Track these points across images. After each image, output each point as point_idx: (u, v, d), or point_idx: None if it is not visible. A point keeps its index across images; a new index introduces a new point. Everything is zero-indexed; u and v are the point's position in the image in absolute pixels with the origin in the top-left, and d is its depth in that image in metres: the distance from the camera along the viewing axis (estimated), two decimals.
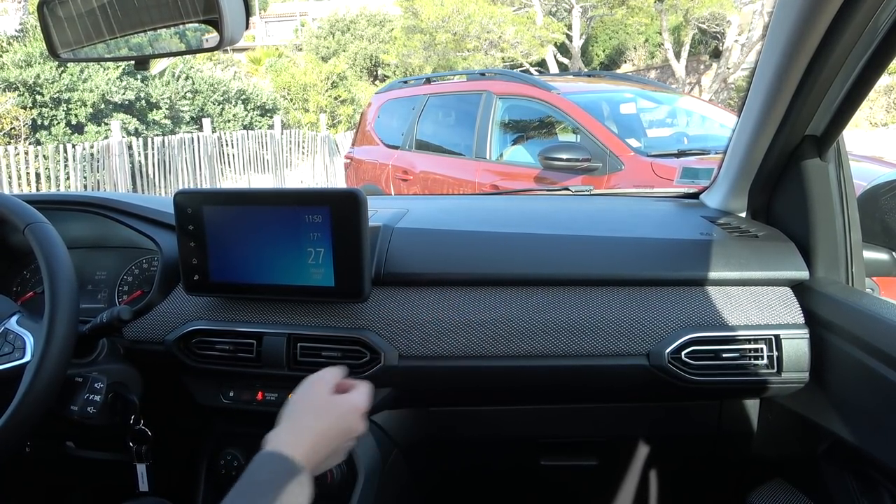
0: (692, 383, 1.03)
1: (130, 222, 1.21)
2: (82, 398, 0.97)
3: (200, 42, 1.03)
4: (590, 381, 1.07)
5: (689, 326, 1.04)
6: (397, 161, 4.92)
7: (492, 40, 14.31)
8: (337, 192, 1.01)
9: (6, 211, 0.97)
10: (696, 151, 3.55)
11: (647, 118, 4.33)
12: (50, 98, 10.73)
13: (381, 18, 23.45)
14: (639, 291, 1.07)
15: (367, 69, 22.84)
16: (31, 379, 0.86)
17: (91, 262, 1.31)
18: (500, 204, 1.44)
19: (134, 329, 1.14)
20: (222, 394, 1.14)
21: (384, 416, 1.15)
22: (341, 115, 18.29)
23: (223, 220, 1.06)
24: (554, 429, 1.21)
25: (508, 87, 4.32)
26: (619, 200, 1.50)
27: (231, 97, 14.44)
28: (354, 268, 1.02)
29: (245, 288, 1.08)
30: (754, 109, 1.06)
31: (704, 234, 1.15)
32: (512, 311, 1.07)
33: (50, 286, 0.91)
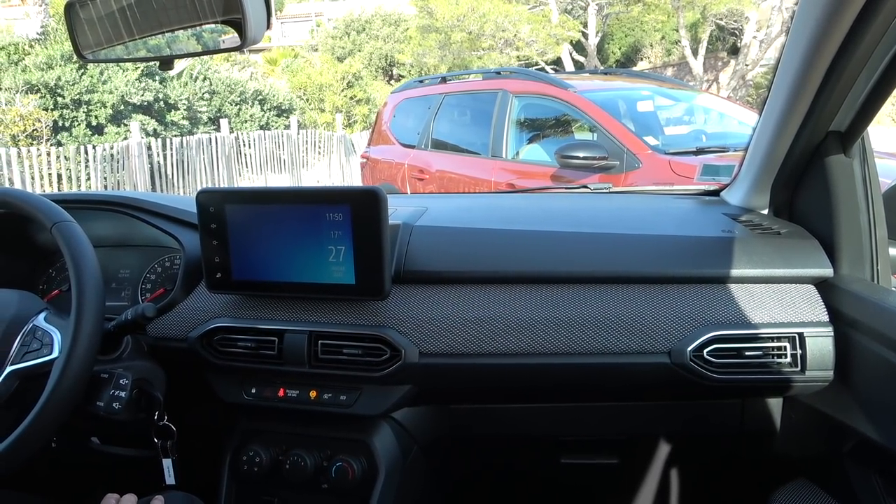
0: (714, 381, 1.02)
1: (154, 221, 1.22)
2: (108, 394, 0.99)
3: (218, 43, 1.04)
4: (611, 379, 1.07)
5: (711, 324, 1.03)
6: (413, 160, 4.93)
7: (507, 39, 14.28)
8: (358, 191, 1.02)
9: (33, 210, 0.98)
10: (714, 149, 3.52)
11: (665, 116, 4.30)
12: (71, 100, 10.88)
13: (397, 18, 23.48)
14: (660, 289, 1.07)
15: (382, 69, 22.89)
16: (59, 375, 0.88)
17: (115, 261, 1.33)
18: (519, 202, 1.44)
19: (158, 326, 1.15)
20: (244, 390, 1.15)
21: (404, 414, 1.16)
22: (357, 115, 18.35)
23: (245, 218, 1.07)
24: (574, 427, 1.21)
25: (524, 86, 4.31)
26: (638, 198, 1.49)
27: (248, 98, 14.55)
28: (375, 265, 1.03)
29: (267, 286, 1.09)
30: (777, 105, 1.05)
31: (726, 231, 1.14)
32: (532, 309, 1.06)
33: (77, 284, 0.92)
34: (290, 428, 1.18)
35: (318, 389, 1.12)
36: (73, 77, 10.92)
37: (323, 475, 1.14)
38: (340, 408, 1.11)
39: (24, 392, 0.94)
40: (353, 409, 1.10)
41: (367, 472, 1.12)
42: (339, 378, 1.10)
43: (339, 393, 1.11)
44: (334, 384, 1.11)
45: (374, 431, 1.14)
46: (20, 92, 10.59)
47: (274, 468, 1.16)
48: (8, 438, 0.87)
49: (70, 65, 11.03)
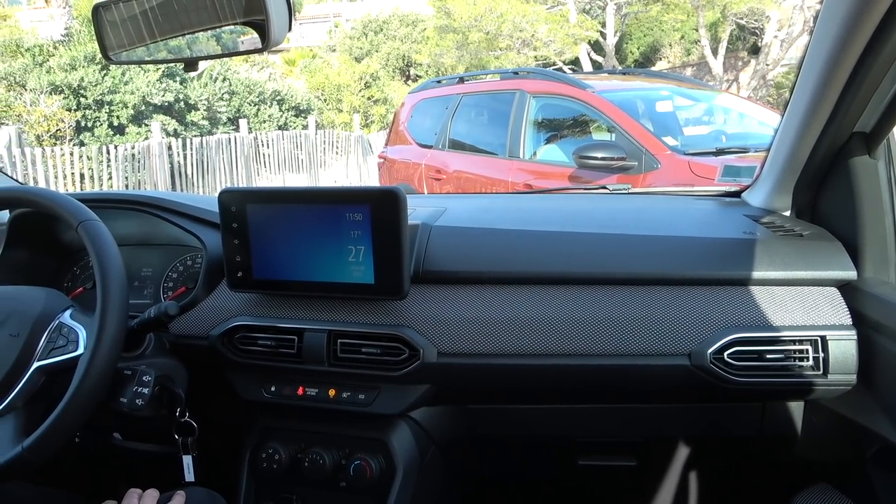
0: (735, 384, 1.02)
1: (176, 220, 1.24)
2: (131, 391, 1.00)
3: (236, 44, 1.06)
4: (629, 381, 1.06)
5: (732, 326, 1.02)
6: (430, 160, 4.94)
7: (524, 39, 14.25)
8: (377, 191, 1.03)
9: (60, 209, 1.00)
10: (735, 149, 3.48)
11: (684, 116, 4.27)
12: (93, 100, 11.03)
13: (414, 18, 23.53)
14: (680, 291, 1.06)
15: (399, 69, 22.94)
16: (85, 371, 0.89)
17: (137, 259, 1.34)
18: (537, 202, 1.44)
19: (179, 324, 1.17)
20: (264, 388, 1.16)
21: (422, 413, 1.16)
22: (374, 115, 18.42)
23: (266, 218, 1.08)
24: (592, 428, 1.21)
25: (542, 86, 4.30)
26: (658, 199, 1.48)
27: (266, 98, 14.66)
28: (394, 265, 1.03)
29: (287, 285, 1.10)
30: (800, 105, 1.03)
31: (748, 232, 1.13)
32: (551, 310, 1.06)
33: (102, 282, 0.94)
34: (308, 426, 1.19)
35: (336, 388, 1.12)
36: (96, 78, 11.08)
37: (341, 473, 1.14)
38: (359, 407, 1.12)
39: (50, 387, 0.96)
40: (371, 408, 1.11)
41: (385, 471, 1.13)
42: (357, 377, 1.11)
43: (357, 392, 1.11)
44: (353, 383, 1.12)
45: (392, 431, 1.14)
46: (44, 93, 10.77)
47: (293, 466, 1.16)
48: (35, 433, 0.89)
49: (93, 66, 11.19)
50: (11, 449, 0.89)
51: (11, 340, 0.95)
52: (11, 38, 14.69)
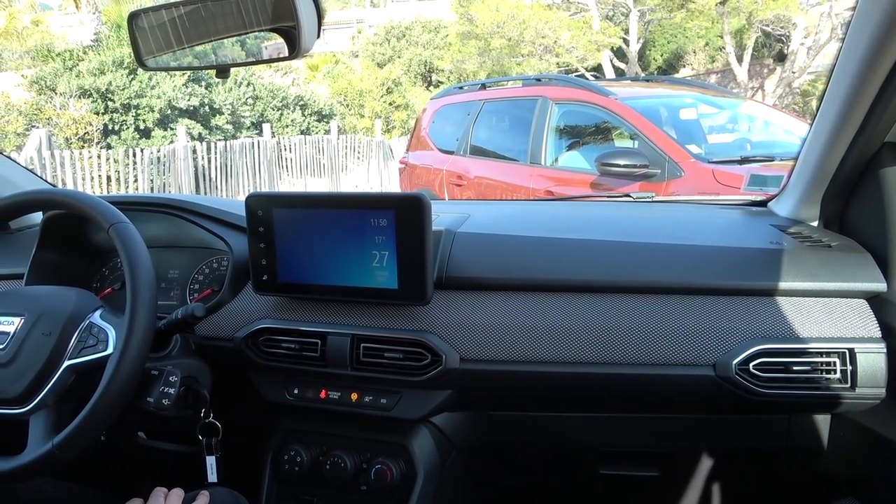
0: (760, 396, 1.00)
1: (203, 223, 1.26)
2: (158, 390, 1.02)
3: (260, 49, 1.07)
4: (652, 391, 1.06)
5: (757, 337, 1.01)
6: (451, 166, 4.94)
7: (547, 45, 14.24)
8: (402, 197, 1.03)
9: (92, 211, 1.02)
10: (760, 158, 3.44)
11: (708, 123, 4.23)
12: (120, 104, 11.23)
13: (436, 25, 23.64)
14: (705, 300, 1.05)
15: (421, 75, 23.05)
16: (114, 370, 0.91)
17: (164, 261, 1.36)
18: (561, 209, 1.44)
19: (205, 326, 1.18)
20: (287, 391, 1.17)
21: (444, 419, 1.16)
22: (396, 121, 18.51)
23: (292, 222, 1.10)
24: (614, 437, 1.20)
25: (565, 93, 4.29)
26: (682, 207, 1.47)
27: (290, 103, 14.81)
28: (418, 271, 1.04)
29: (311, 288, 1.12)
30: (830, 114, 1.02)
31: (774, 242, 1.12)
32: (574, 317, 1.06)
33: (131, 284, 0.95)
34: (330, 429, 1.19)
35: (359, 392, 1.13)
36: (124, 82, 11.28)
37: (362, 477, 1.15)
38: (381, 411, 1.12)
39: (79, 386, 0.97)
40: (393, 412, 1.11)
41: (406, 476, 1.13)
42: (380, 381, 1.11)
43: (379, 396, 1.12)
44: (375, 387, 1.12)
45: (414, 435, 1.15)
46: (74, 96, 10.99)
47: (314, 468, 1.17)
48: (65, 430, 0.90)
49: (121, 70, 11.41)
50: (42, 445, 0.91)
51: (44, 339, 0.97)
52: (43, 43, 15.02)
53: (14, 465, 0.91)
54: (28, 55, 18.00)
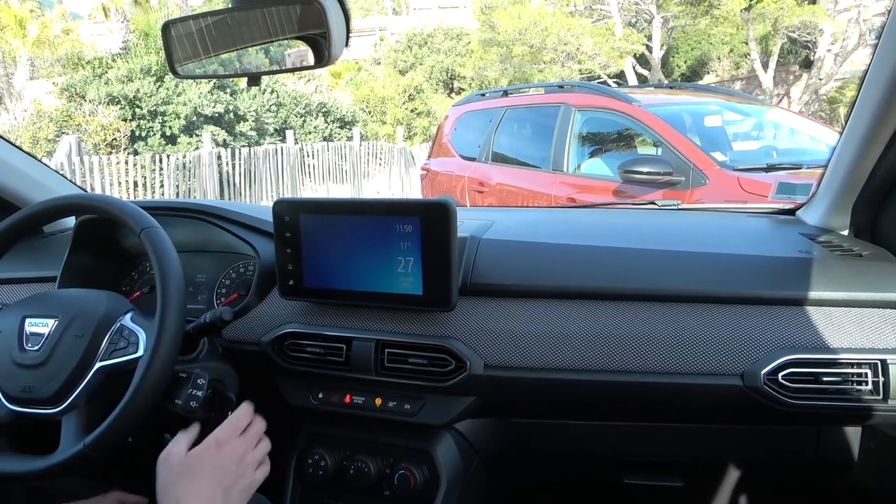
0: (789, 407, 0.99)
1: (231, 228, 1.27)
2: (186, 393, 1.03)
3: (283, 57, 1.08)
4: (679, 400, 1.05)
5: (786, 347, 1.00)
6: (473, 173, 4.95)
7: (569, 52, 14.22)
8: (427, 203, 1.04)
9: (124, 215, 1.04)
10: (786, 165, 3.39)
11: (732, 131, 4.19)
12: (147, 111, 11.44)
13: (458, 32, 23.74)
14: (732, 309, 1.04)
15: (443, 82, 23.14)
16: (144, 372, 0.92)
17: (192, 266, 1.38)
18: (585, 217, 1.43)
19: (232, 330, 1.20)
20: (312, 395, 1.18)
21: (467, 425, 1.16)
22: (417, 128, 18.60)
23: (318, 228, 1.11)
24: (638, 446, 1.19)
25: (587, 100, 4.28)
26: (708, 215, 1.46)
27: (312, 110, 14.96)
28: (443, 277, 1.04)
29: (337, 294, 1.12)
30: (862, 121, 1.01)
31: (803, 251, 1.10)
32: (599, 325, 1.06)
33: (162, 287, 0.97)
34: (354, 433, 1.20)
35: (383, 397, 1.14)
36: (151, 89, 11.49)
37: (385, 482, 1.15)
38: (404, 416, 1.12)
39: (110, 387, 0.99)
40: (416, 417, 1.12)
41: (429, 482, 1.13)
42: (404, 387, 1.12)
43: (403, 401, 1.12)
44: (399, 392, 1.13)
45: (437, 441, 1.15)
46: (102, 103, 11.22)
47: (338, 472, 1.18)
48: (96, 430, 0.92)
49: (148, 78, 11.62)
50: (74, 445, 0.93)
51: (76, 341, 0.99)
52: (73, 51, 15.37)
53: (47, 464, 0.93)
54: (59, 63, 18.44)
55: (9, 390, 0.98)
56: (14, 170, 1.44)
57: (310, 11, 0.93)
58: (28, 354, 0.98)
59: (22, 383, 0.98)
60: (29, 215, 1.10)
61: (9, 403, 0.99)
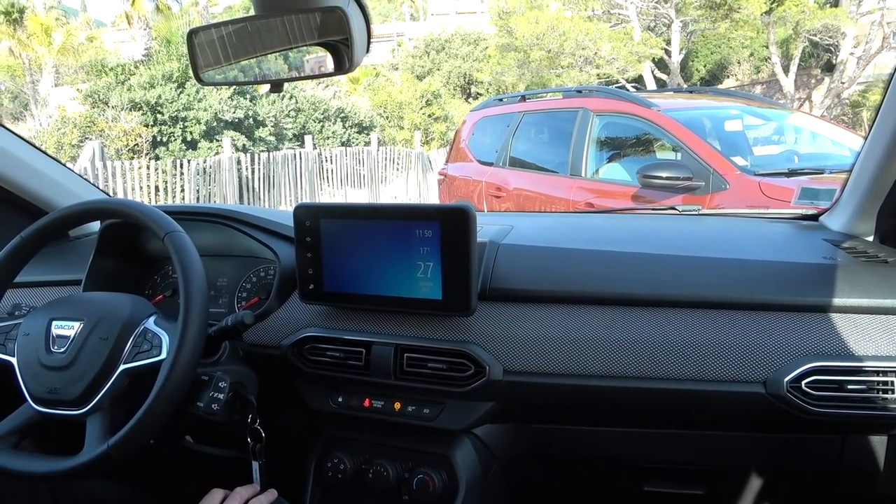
0: (813, 415, 0.98)
1: (252, 233, 1.29)
2: (208, 395, 1.04)
3: (302, 63, 1.09)
4: (700, 407, 1.04)
5: (810, 355, 0.98)
6: (491, 178, 4.95)
7: (587, 57, 14.18)
8: (447, 208, 1.04)
9: (149, 220, 1.06)
10: (808, 170, 3.34)
11: (752, 135, 4.14)
12: (169, 116, 11.60)
13: (476, 37, 23.79)
14: (755, 316, 1.03)
15: (460, 87, 23.19)
16: (167, 374, 0.94)
17: (214, 269, 1.40)
18: (605, 222, 1.43)
19: (253, 333, 1.21)
20: (331, 398, 1.19)
21: (486, 430, 1.16)
22: (434, 133, 18.64)
23: (339, 232, 1.11)
24: (659, 454, 1.18)
25: (606, 105, 4.26)
26: (730, 221, 1.44)
27: (331, 115, 15.06)
28: (462, 282, 1.04)
29: (356, 298, 1.13)
30: (887, 125, 0.99)
31: (827, 258, 1.09)
32: (619, 331, 1.05)
33: (185, 291, 0.98)
34: (373, 438, 1.20)
35: (402, 401, 1.14)
36: (172, 95, 11.65)
37: (404, 486, 1.15)
38: (423, 421, 1.13)
39: (133, 390, 1.00)
40: (435, 422, 1.12)
41: (448, 487, 1.13)
42: (423, 391, 1.12)
43: (422, 406, 1.13)
44: (418, 397, 1.13)
45: (456, 446, 1.15)
46: (125, 109, 11.39)
47: (357, 476, 1.18)
48: (120, 432, 0.93)
49: (170, 84, 11.79)
50: (98, 446, 0.94)
51: (101, 343, 1.00)
52: (97, 58, 15.63)
53: (72, 465, 0.94)
54: (83, 70, 18.77)
55: (36, 391, 1.00)
56: (42, 175, 1.47)
57: (331, 18, 0.93)
58: (54, 356, 1.00)
59: (48, 385, 0.99)
60: (56, 220, 1.12)
61: (35, 404, 1.00)
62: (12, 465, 0.97)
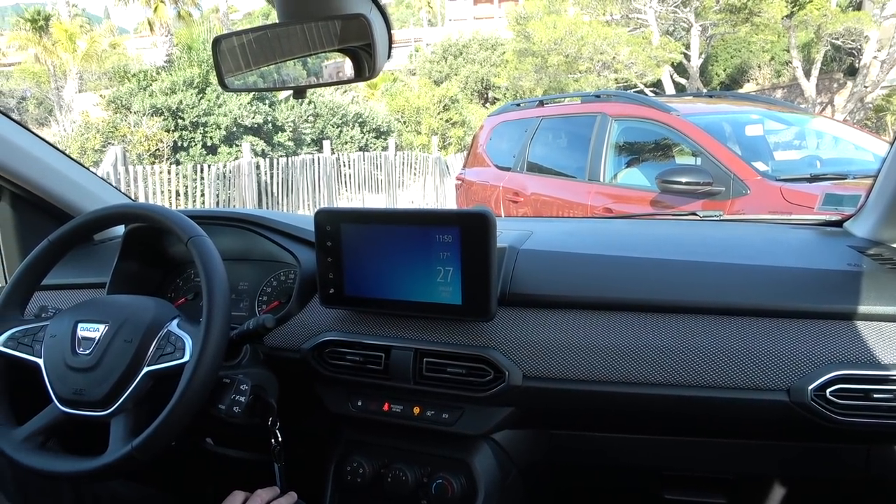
0: (837, 424, 0.96)
1: (273, 237, 1.30)
2: (229, 398, 1.05)
3: (320, 69, 1.10)
4: (722, 415, 1.03)
5: (835, 363, 0.97)
6: (508, 183, 4.95)
7: (605, 61, 14.13)
8: (467, 213, 1.04)
9: (172, 224, 1.07)
10: (831, 175, 3.30)
11: (773, 140, 4.10)
12: (189, 122, 11.76)
13: (493, 42, 23.81)
14: (779, 323, 1.02)
15: (477, 92, 23.22)
16: (190, 377, 0.95)
17: (235, 273, 1.41)
18: (625, 227, 1.42)
19: (273, 337, 1.22)
20: (351, 402, 1.19)
21: (505, 436, 1.16)
22: (452, 137, 18.67)
23: (359, 237, 1.12)
24: (680, 462, 1.17)
25: (624, 109, 4.24)
26: (752, 227, 1.43)
27: (349, 120, 15.16)
28: (482, 287, 1.04)
29: (376, 302, 1.14)
30: None
31: (852, 264, 1.07)
32: (640, 338, 1.04)
33: (208, 295, 0.99)
34: (392, 442, 1.21)
35: (421, 406, 1.14)
36: (193, 101, 11.81)
37: (422, 490, 1.15)
38: (442, 425, 1.13)
39: (156, 392, 1.02)
40: (454, 427, 1.12)
41: (467, 492, 1.13)
42: (442, 396, 1.12)
43: (441, 411, 1.13)
44: (437, 402, 1.13)
45: (475, 451, 1.14)
46: (146, 115, 11.56)
47: (376, 480, 1.19)
48: (143, 433, 0.95)
49: (191, 90, 11.95)
50: (122, 447, 0.95)
51: (125, 346, 1.02)
52: (120, 64, 15.89)
53: (97, 465, 0.95)
54: (106, 76, 19.09)
55: (61, 392, 1.02)
56: (68, 179, 1.49)
57: (353, 25, 0.94)
58: (80, 358, 1.02)
59: (74, 386, 1.01)
60: (83, 224, 1.14)
61: (61, 405, 1.02)
62: (40, 464, 0.99)
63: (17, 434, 1.03)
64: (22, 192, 1.46)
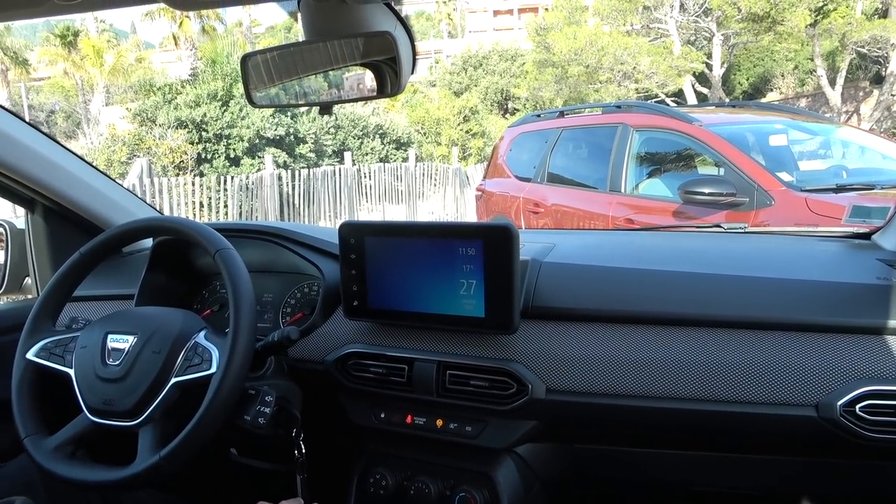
0: (868, 440, 0.94)
1: (298, 250, 1.31)
2: (254, 409, 1.06)
3: (341, 82, 1.11)
4: (748, 431, 1.01)
5: (864, 378, 0.95)
6: (528, 194, 4.94)
7: (626, 71, 14.09)
8: (490, 227, 1.05)
9: (200, 237, 1.09)
10: (857, 186, 3.25)
11: (797, 150, 4.04)
12: (213, 134, 11.94)
13: (513, 53, 23.89)
14: (806, 337, 1.00)
15: (497, 103, 23.28)
16: (217, 388, 0.96)
17: (259, 285, 1.43)
18: (648, 240, 1.41)
19: (297, 349, 1.23)
20: (374, 414, 1.20)
21: (528, 449, 1.15)
22: (472, 148, 18.73)
23: (383, 250, 1.13)
24: (707, 478, 1.15)
25: (646, 120, 4.22)
26: (778, 239, 1.41)
27: (370, 132, 15.28)
28: (505, 300, 1.05)
29: (400, 315, 1.14)
30: None
31: (882, 278, 1.06)
32: (665, 352, 1.04)
33: (234, 307, 1.01)
34: (415, 454, 1.21)
35: (444, 419, 1.14)
36: (217, 114, 11.99)
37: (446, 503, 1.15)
38: (465, 438, 1.13)
39: (183, 402, 1.03)
40: (477, 440, 1.12)
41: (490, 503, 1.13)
42: (465, 409, 1.12)
43: (464, 424, 1.13)
44: (460, 414, 1.13)
45: (498, 465, 1.14)
46: (171, 127, 11.76)
47: (399, 492, 1.19)
48: (171, 443, 0.96)
49: (214, 102, 12.14)
50: (150, 457, 0.97)
51: (153, 357, 1.03)
52: (145, 78, 16.21)
53: (126, 475, 0.97)
54: (132, 89, 19.49)
55: (91, 402, 1.04)
56: (98, 193, 1.53)
57: (377, 41, 0.95)
58: (110, 369, 1.04)
59: (103, 396, 1.03)
60: (113, 237, 1.16)
61: (91, 415, 1.04)
62: (70, 473, 1.01)
63: (49, 443, 1.05)
64: (53, 206, 1.50)
